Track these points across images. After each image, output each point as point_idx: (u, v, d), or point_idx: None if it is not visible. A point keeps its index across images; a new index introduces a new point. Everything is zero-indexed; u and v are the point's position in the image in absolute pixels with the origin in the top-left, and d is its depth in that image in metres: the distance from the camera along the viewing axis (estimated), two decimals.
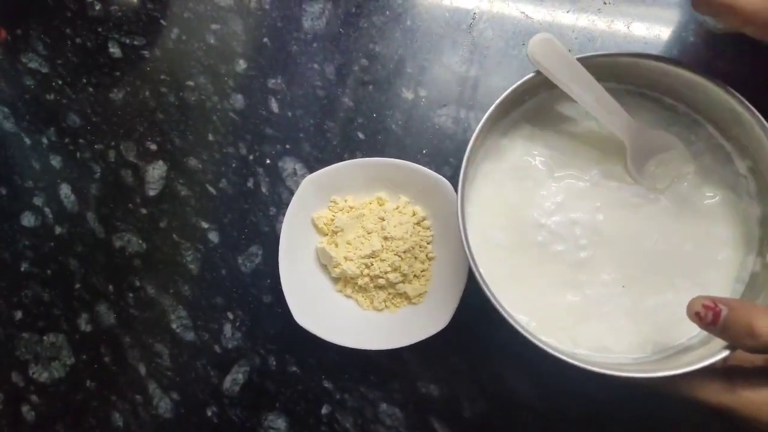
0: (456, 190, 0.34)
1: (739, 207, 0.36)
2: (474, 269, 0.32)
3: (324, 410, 0.44)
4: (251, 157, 0.49)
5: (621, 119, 0.36)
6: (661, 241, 0.37)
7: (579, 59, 0.35)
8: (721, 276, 0.36)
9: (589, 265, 0.37)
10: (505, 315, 0.31)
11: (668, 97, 0.38)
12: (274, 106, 0.50)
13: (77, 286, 0.48)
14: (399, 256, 0.43)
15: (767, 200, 0.35)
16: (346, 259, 0.43)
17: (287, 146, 0.49)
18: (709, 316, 0.28)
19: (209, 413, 0.45)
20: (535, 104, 0.39)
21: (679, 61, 0.35)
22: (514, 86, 0.35)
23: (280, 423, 0.44)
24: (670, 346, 0.35)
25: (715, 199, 0.37)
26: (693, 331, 0.35)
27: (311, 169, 0.47)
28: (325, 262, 0.45)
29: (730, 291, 0.36)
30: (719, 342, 0.30)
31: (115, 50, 0.52)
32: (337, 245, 0.44)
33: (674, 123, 0.38)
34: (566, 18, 0.48)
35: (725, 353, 0.29)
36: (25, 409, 0.47)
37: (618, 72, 0.37)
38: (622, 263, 0.37)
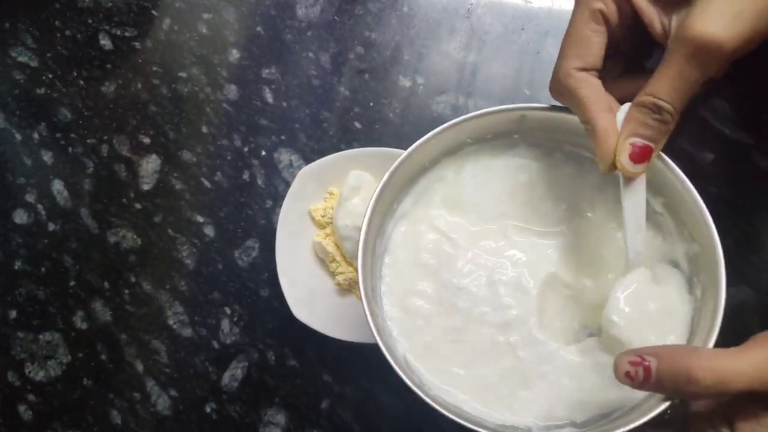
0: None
1: (661, 245, 0.34)
2: (385, 353, 0.30)
3: (324, 404, 0.43)
4: (246, 149, 0.48)
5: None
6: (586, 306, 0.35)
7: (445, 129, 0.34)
8: None
9: (518, 325, 0.34)
10: (430, 402, 0.29)
11: (568, 145, 0.36)
12: (269, 97, 0.49)
13: (72, 283, 0.48)
14: None
15: (686, 237, 0.33)
16: None
17: (282, 137, 0.48)
18: (640, 374, 0.26)
19: (208, 409, 0.44)
20: (446, 165, 0.37)
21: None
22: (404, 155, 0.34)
23: (280, 418, 0.44)
24: (625, 397, 0.32)
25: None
26: None
27: (307, 161, 0.47)
28: (322, 256, 0.44)
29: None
30: None
31: (105, 42, 0.51)
32: None
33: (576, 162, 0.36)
34: (567, 3, 0.47)
35: (665, 405, 0.27)
36: (21, 408, 0.46)
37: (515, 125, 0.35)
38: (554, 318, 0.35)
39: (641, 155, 0.29)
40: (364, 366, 0.43)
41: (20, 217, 0.49)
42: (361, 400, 0.43)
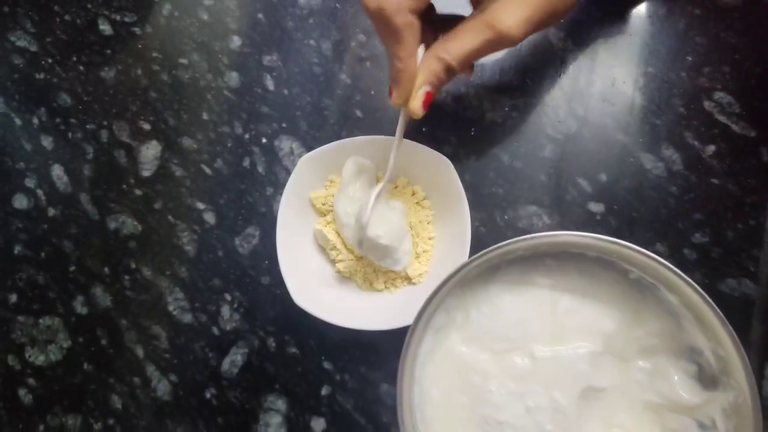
0: (406, 359, 0.33)
1: (683, 338, 0.34)
2: None
3: (324, 391, 0.44)
4: (247, 136, 0.48)
5: None
6: (627, 404, 0.34)
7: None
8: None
9: None
10: None
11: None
12: (270, 84, 0.48)
13: (72, 268, 0.48)
14: None
15: (710, 333, 0.32)
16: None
17: (284, 125, 0.48)
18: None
19: (208, 395, 0.45)
20: (455, 298, 0.37)
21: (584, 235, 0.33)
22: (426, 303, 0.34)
23: (281, 404, 0.44)
24: None
25: (655, 338, 0.35)
26: None
27: (308, 148, 0.46)
28: (323, 244, 0.44)
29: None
30: None
31: (105, 27, 0.51)
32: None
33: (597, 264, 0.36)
34: None
35: None
36: (22, 392, 0.46)
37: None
38: None
39: (428, 102, 0.37)
40: (364, 353, 0.44)
41: (20, 202, 0.49)
42: (361, 388, 0.43)
